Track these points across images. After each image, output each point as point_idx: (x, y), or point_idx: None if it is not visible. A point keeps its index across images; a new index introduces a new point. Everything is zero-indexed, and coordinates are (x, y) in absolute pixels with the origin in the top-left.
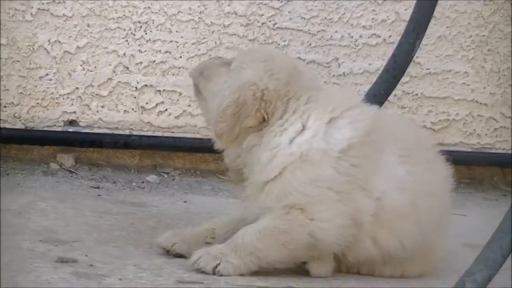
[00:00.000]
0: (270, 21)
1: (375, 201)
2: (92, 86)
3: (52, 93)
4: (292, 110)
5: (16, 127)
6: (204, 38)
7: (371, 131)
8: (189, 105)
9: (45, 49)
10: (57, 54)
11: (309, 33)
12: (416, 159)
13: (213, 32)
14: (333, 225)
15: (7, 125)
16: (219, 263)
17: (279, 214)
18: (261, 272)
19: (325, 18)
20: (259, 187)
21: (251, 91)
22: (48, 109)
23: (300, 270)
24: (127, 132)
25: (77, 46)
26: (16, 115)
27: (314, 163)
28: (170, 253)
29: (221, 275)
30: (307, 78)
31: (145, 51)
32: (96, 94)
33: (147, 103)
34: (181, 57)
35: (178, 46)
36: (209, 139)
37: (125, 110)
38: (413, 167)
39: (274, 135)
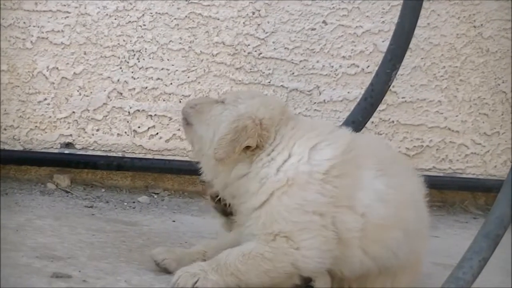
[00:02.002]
0: (255, 51)
1: (361, 217)
2: (88, 110)
3: (50, 116)
4: (280, 136)
5: (15, 148)
6: (193, 66)
7: (349, 149)
8: (179, 129)
9: (44, 75)
10: (55, 80)
11: (292, 63)
12: (392, 172)
13: (202, 60)
14: (317, 253)
15: (7, 147)
16: (198, 280)
17: (265, 241)
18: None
19: (307, 48)
20: (247, 214)
21: (250, 119)
22: (46, 132)
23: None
24: (120, 154)
25: (74, 73)
26: (15, 137)
27: (300, 186)
28: (159, 266)
29: None
30: (290, 111)
31: (138, 77)
32: (92, 118)
33: (139, 127)
34: (171, 83)
35: (169, 74)
36: (198, 162)
37: (118, 134)
38: (390, 179)
39: (262, 165)
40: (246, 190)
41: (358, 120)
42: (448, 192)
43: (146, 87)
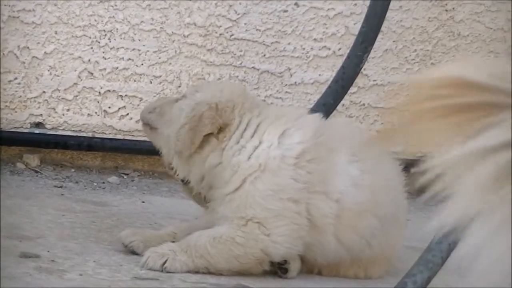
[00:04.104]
0: (227, 32)
1: (335, 203)
2: (58, 90)
3: (20, 96)
4: (246, 122)
5: None
6: (165, 47)
7: (319, 134)
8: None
9: (15, 54)
10: (25, 59)
11: (264, 44)
12: (367, 157)
13: (173, 41)
14: (287, 240)
15: None
16: (166, 260)
17: (237, 225)
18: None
19: (279, 30)
20: (221, 199)
21: (206, 106)
22: (16, 111)
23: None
24: (90, 134)
25: (45, 52)
26: None
27: (273, 171)
28: (127, 248)
29: (168, 272)
30: (254, 98)
31: (108, 58)
32: (62, 98)
33: (109, 108)
34: (142, 64)
35: (140, 54)
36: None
37: (89, 114)
38: (365, 164)
39: (233, 154)
40: (221, 178)
41: (329, 102)
42: (419, 175)
43: (117, 68)
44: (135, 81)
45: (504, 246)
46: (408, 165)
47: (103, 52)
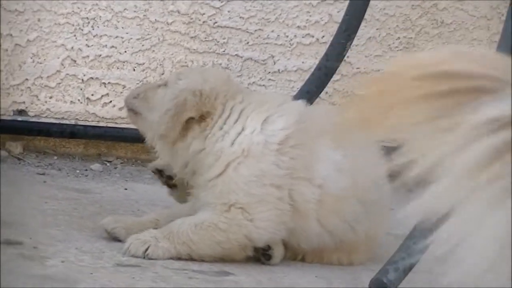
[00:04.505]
0: (210, 20)
1: (318, 188)
2: (41, 77)
3: (3, 83)
4: (229, 108)
5: None
6: (148, 34)
7: (302, 120)
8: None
9: None
10: (8, 46)
11: (247, 32)
12: (349, 142)
13: (156, 29)
14: (271, 225)
15: None
16: (149, 247)
17: (220, 211)
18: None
19: (263, 18)
20: (204, 185)
21: (190, 92)
22: None
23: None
24: (73, 122)
25: (28, 40)
26: None
27: (256, 157)
28: (109, 235)
29: (150, 258)
30: (238, 84)
31: (92, 45)
32: (45, 86)
33: (92, 95)
34: (125, 51)
35: (123, 42)
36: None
37: (71, 101)
38: (347, 149)
39: (216, 140)
40: (204, 164)
41: (312, 90)
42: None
43: (100, 55)
44: (118, 68)
45: (490, 231)
46: (390, 152)
47: (86, 40)
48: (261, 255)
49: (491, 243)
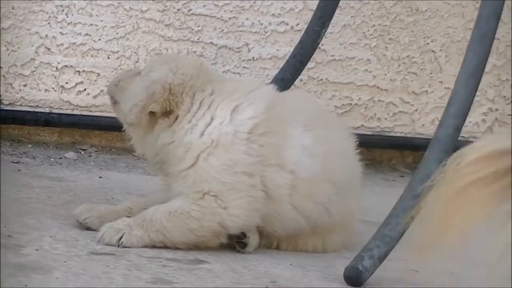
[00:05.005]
0: (185, 8)
1: (290, 174)
2: (15, 65)
3: None
4: (198, 102)
5: None
6: (122, 22)
7: (271, 107)
8: (107, 86)
9: None
10: None
11: (222, 20)
12: (320, 124)
13: (131, 16)
14: (244, 212)
15: None
16: (123, 235)
17: (193, 199)
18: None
19: (237, 5)
20: (175, 176)
21: (160, 85)
22: None
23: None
24: (47, 110)
25: (2, 28)
26: None
27: (226, 147)
28: (82, 225)
29: (125, 247)
30: (211, 73)
31: (66, 33)
32: (19, 74)
33: (67, 83)
34: (100, 39)
35: (97, 29)
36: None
37: (46, 89)
38: (318, 132)
39: (185, 133)
40: (174, 156)
41: (287, 77)
42: (376, 150)
43: (75, 43)
44: (92, 56)
45: None
46: (366, 140)
47: (60, 28)
48: (236, 243)
49: None
